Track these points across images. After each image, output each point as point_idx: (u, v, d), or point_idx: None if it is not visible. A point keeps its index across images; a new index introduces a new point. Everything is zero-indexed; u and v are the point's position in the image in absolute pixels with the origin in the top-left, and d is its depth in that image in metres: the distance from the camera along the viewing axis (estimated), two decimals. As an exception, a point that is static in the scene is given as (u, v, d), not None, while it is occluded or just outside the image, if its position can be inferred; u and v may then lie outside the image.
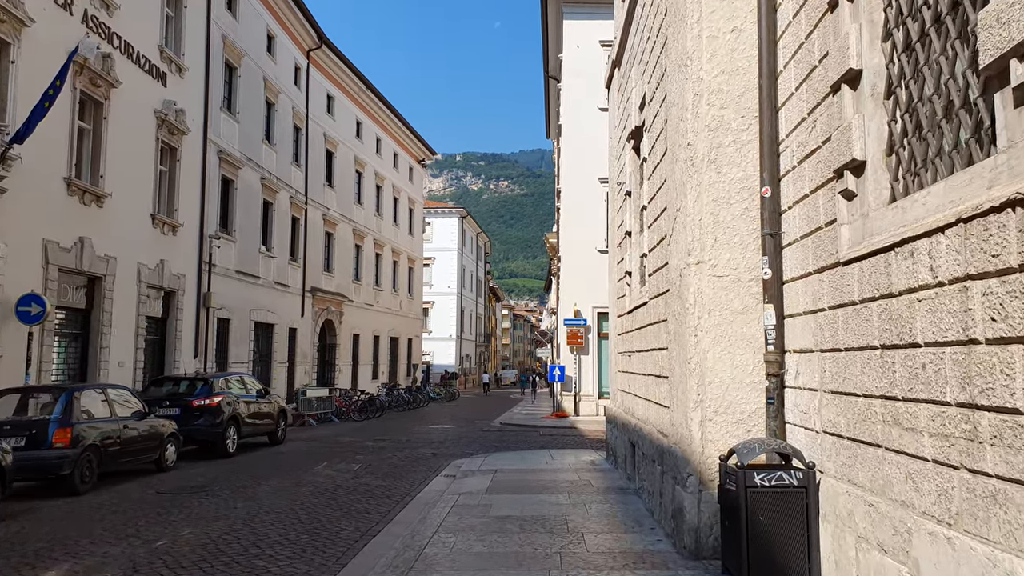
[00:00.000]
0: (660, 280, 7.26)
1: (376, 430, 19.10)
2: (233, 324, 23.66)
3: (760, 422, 5.58)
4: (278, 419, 15.36)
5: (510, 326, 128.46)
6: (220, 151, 22.69)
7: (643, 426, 8.15)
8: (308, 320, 30.42)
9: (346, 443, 15.67)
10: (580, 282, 24.90)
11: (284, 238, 28.05)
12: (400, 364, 42.99)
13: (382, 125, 39.86)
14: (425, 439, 16.68)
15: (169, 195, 19.83)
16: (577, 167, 25.33)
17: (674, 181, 6.34)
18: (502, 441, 16.56)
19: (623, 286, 10.65)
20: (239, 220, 24.14)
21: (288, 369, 28.58)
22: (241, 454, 13.62)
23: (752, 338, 5.67)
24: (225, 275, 23.10)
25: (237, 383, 14.14)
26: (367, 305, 37.28)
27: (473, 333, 68.12)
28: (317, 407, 22.26)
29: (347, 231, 34.72)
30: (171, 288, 19.70)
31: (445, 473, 10.98)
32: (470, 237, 66.24)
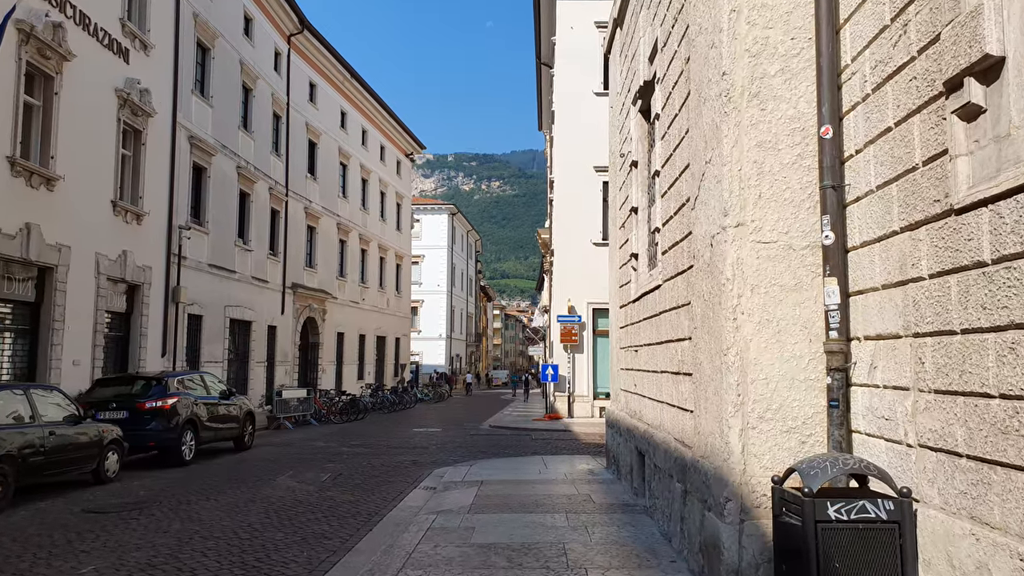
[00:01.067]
0: (679, 256, 5.97)
1: (356, 434, 17.75)
2: (206, 321, 22.25)
3: (818, 431, 4.31)
4: (244, 423, 14.01)
5: (502, 326, 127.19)
6: (191, 136, 21.28)
7: (655, 433, 6.85)
8: (289, 318, 29.01)
9: (320, 448, 14.33)
10: (575, 276, 23.62)
11: (263, 231, 26.64)
12: (387, 364, 41.60)
13: (368, 116, 38.47)
14: (407, 444, 15.35)
15: (133, 181, 18.42)
16: (571, 155, 24.06)
17: (701, 129, 5.06)
18: (491, 446, 15.26)
19: (627, 272, 9.37)
20: (213, 211, 22.73)
21: (267, 369, 27.17)
22: (199, 462, 12.26)
23: (807, 322, 4.39)
24: (197, 269, 21.69)
25: (197, 383, 12.79)
26: (352, 303, 35.89)
27: (464, 332, 66.77)
28: (295, 409, 20.89)
29: (331, 225, 33.32)
30: (135, 281, 18.29)
31: (424, 485, 9.68)
32: (460, 234, 64.91)
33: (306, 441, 15.86)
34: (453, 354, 61.00)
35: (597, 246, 23.66)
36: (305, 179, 30.66)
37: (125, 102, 17.54)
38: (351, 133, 36.05)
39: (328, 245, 33.03)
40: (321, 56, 32.05)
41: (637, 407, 8.42)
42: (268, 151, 27.19)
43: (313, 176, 31.52)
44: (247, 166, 25.15)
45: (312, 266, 31.35)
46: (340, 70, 34.03)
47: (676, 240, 6.09)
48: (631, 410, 8.91)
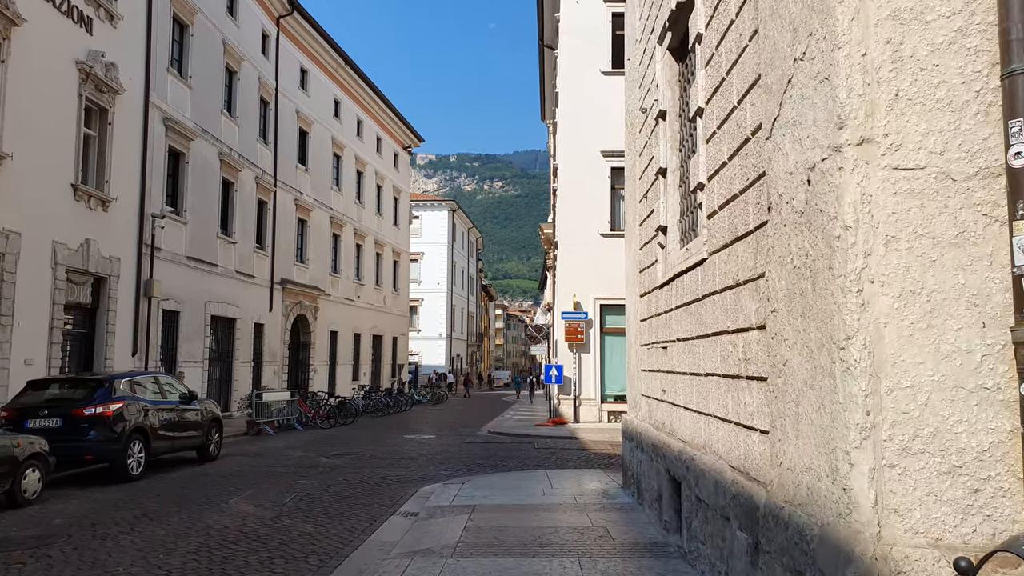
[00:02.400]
0: (740, 214, 4.31)
1: (341, 441, 16.12)
2: (184, 317, 20.65)
3: (1001, 472, 2.65)
4: (209, 430, 12.36)
5: (504, 326, 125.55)
6: (167, 118, 19.68)
7: (698, 456, 5.20)
8: (277, 315, 27.42)
9: (295, 460, 12.70)
10: (581, 270, 21.97)
11: (248, 223, 25.04)
12: (384, 364, 39.99)
13: (363, 106, 36.86)
14: (394, 453, 13.71)
15: (99, 164, 16.82)
16: (577, 139, 22.41)
17: (785, 15, 3.39)
18: (488, 457, 13.62)
19: (651, 252, 7.71)
20: (192, 199, 21.13)
21: (254, 369, 25.58)
22: (151, 477, 10.61)
23: (979, 295, 2.74)
24: (173, 261, 20.09)
25: (150, 386, 11.14)
26: (347, 300, 34.28)
27: (464, 332, 65.13)
28: (278, 413, 19.26)
29: (323, 218, 31.71)
30: (101, 273, 16.68)
31: (404, 510, 8.04)
32: (461, 232, 63.29)
33: (283, 450, 14.22)
34: (454, 354, 59.37)
35: (605, 237, 22.02)
36: (295, 169, 29.06)
37: (88, 76, 15.93)
38: (345, 123, 34.45)
39: (320, 239, 31.43)
40: (313, 40, 30.45)
41: (666, 418, 6.76)
42: (255, 138, 25.59)
43: (304, 167, 29.92)
44: (231, 153, 23.55)
45: (303, 261, 29.76)
46: (333, 56, 32.43)
47: (734, 193, 4.43)
48: (657, 421, 7.25)
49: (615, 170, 22.31)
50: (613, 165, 22.23)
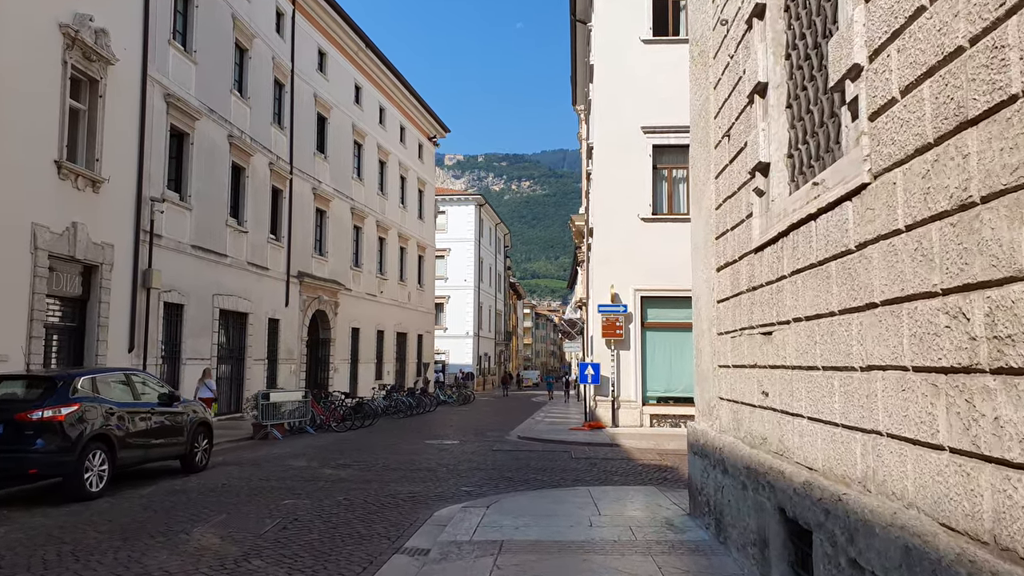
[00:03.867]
0: (978, 76, 2.31)
1: (353, 448, 14.38)
2: (189, 311, 19.11)
3: None
4: (194, 436, 10.65)
5: (532, 325, 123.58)
6: (168, 94, 18.13)
7: (858, 500, 3.25)
8: (294, 310, 25.85)
9: (294, 471, 10.95)
10: (619, 260, 19.98)
11: (261, 212, 23.48)
12: (409, 363, 38.36)
13: (386, 92, 35.23)
14: (410, 463, 11.90)
15: (88, 140, 15.29)
16: (614, 116, 20.43)
17: None
18: (519, 468, 11.75)
19: (737, 207, 5.79)
20: (197, 184, 19.58)
21: (268, 367, 24.04)
22: (115, 493, 8.91)
23: None
24: (177, 250, 18.55)
25: (118, 384, 9.46)
26: (369, 295, 32.67)
27: (492, 331, 63.36)
28: (288, 415, 17.61)
29: (343, 209, 30.11)
30: (91, 260, 15.15)
31: (411, 546, 6.22)
32: (488, 228, 61.52)
33: (284, 458, 12.49)
34: (481, 353, 57.63)
35: (647, 222, 20.02)
36: (313, 157, 27.49)
37: (73, 41, 14.38)
38: (367, 110, 32.83)
39: (341, 231, 29.84)
40: (332, 21, 28.86)
41: (772, 432, 4.82)
42: (268, 122, 24.03)
43: (323, 154, 28.34)
44: (241, 136, 21.99)
45: (322, 254, 28.18)
46: (354, 39, 30.83)
47: (955, 46, 2.48)
48: (752, 435, 5.30)
49: (657, 148, 20.31)
50: (655, 142, 20.23)
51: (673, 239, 19.98)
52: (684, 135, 20.67)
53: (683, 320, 20.12)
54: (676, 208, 20.42)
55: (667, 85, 20.29)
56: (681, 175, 20.44)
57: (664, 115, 20.22)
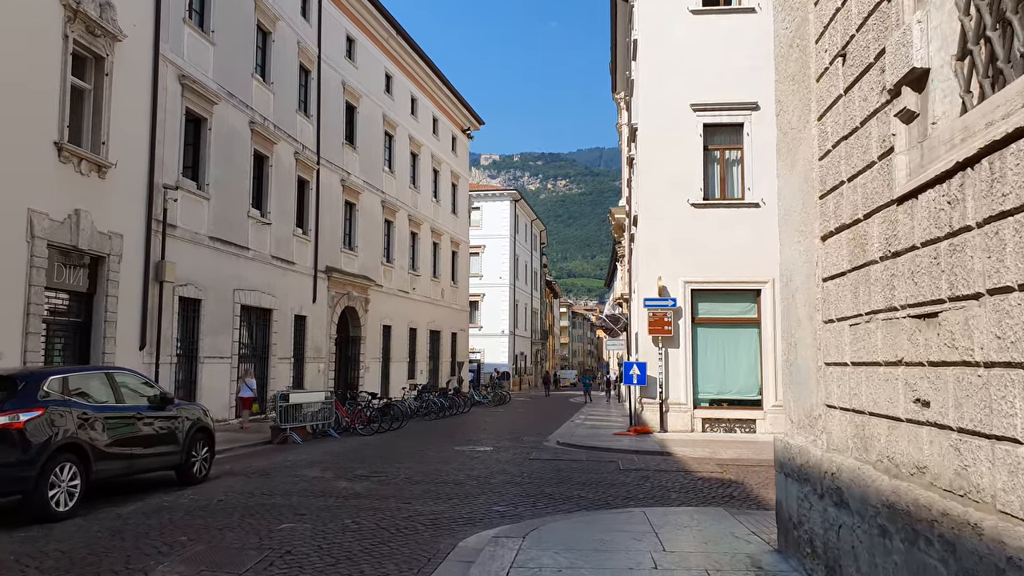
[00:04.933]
0: None
1: (375, 454, 13.04)
2: (207, 306, 18.02)
3: None
4: (191, 443, 9.38)
5: (569, 324, 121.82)
6: (183, 76, 17.06)
7: None
8: (322, 306, 24.73)
9: (304, 483, 9.64)
10: (666, 250, 18.35)
11: (286, 203, 22.38)
12: (443, 362, 37.11)
13: (418, 82, 34.00)
14: (436, 474, 10.50)
15: (94, 122, 14.23)
16: (660, 94, 18.78)
17: None
18: (559, 481, 10.26)
19: (863, 144, 4.24)
20: (216, 172, 18.50)
21: (294, 366, 22.93)
22: (90, 512, 7.64)
23: None
24: (193, 241, 17.47)
25: (98, 385, 8.22)
26: (401, 292, 31.47)
27: (528, 329, 61.89)
28: (310, 417, 16.38)
29: (374, 203, 28.94)
30: (98, 251, 14.09)
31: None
32: (524, 224, 60.06)
33: (297, 467, 11.19)
34: (517, 352, 56.20)
35: (697, 208, 18.34)
36: (342, 147, 26.34)
37: (75, 14, 13.30)
38: (398, 100, 31.63)
39: (371, 225, 28.67)
40: (360, 7, 27.69)
41: (943, 463, 3.27)
42: (293, 109, 22.92)
43: (352, 145, 27.19)
44: (264, 123, 20.89)
45: (351, 248, 27.03)
46: (384, 26, 29.65)
47: None
48: (904, 464, 3.73)
49: (708, 127, 18.63)
50: (706, 121, 18.55)
51: (726, 226, 18.31)
52: (738, 112, 18.98)
53: (738, 315, 18.46)
54: (729, 192, 18.72)
55: (718, 59, 18.62)
56: (735, 156, 18.73)
57: (715, 91, 18.56)
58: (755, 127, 18.43)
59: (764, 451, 14.35)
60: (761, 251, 18.08)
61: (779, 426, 18.41)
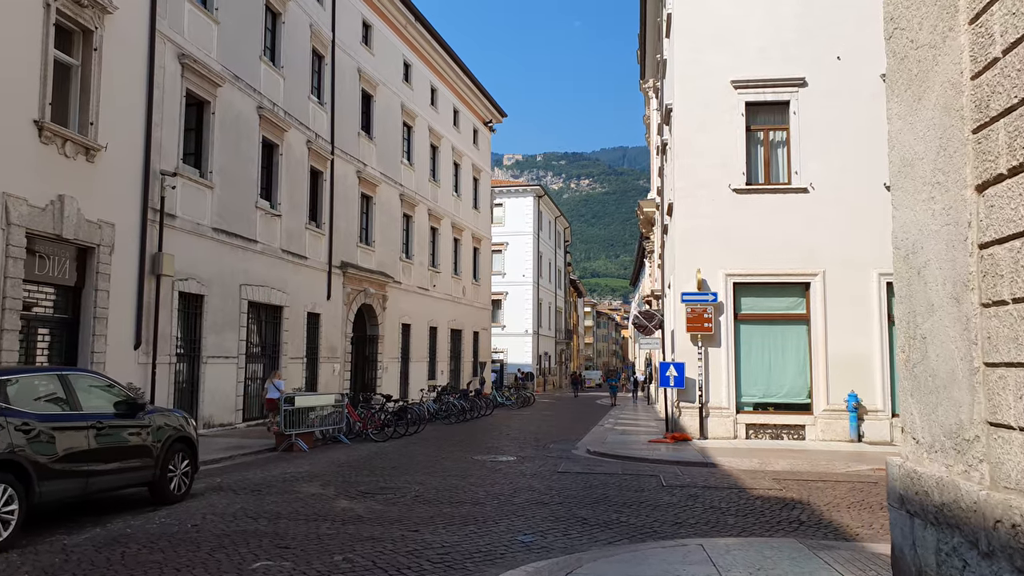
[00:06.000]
0: None
1: (385, 465, 11.70)
2: (211, 303, 16.85)
3: None
4: (166, 456, 8.09)
5: (593, 324, 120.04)
6: (183, 55, 15.88)
7: None
8: (337, 304, 23.51)
9: (298, 503, 8.32)
10: (705, 239, 16.83)
11: (298, 194, 21.18)
12: (464, 362, 35.80)
13: (438, 72, 32.71)
14: (450, 491, 9.13)
15: (81, 100, 13.07)
16: (698, 69, 17.25)
17: None
18: (593, 501, 8.84)
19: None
20: (220, 159, 17.32)
21: (307, 367, 21.72)
22: (34, 541, 6.31)
23: None
24: (195, 232, 16.30)
25: (46, 388, 6.95)
26: (420, 289, 30.19)
27: (552, 329, 60.39)
28: (319, 422, 15.11)
29: (391, 196, 27.68)
30: (85, 241, 12.93)
31: None
32: (547, 220, 58.59)
33: (296, 481, 9.87)
34: (541, 352, 54.74)
35: (740, 194, 16.79)
36: (358, 137, 25.11)
37: (58, -19, 12.14)
38: (417, 89, 30.36)
39: (389, 220, 27.42)
40: (377, -10, 26.48)
41: None
42: (305, 95, 21.71)
43: (368, 135, 25.96)
44: (273, 109, 19.70)
45: (368, 243, 25.80)
46: (403, 12, 28.39)
47: None
48: None
49: (751, 105, 17.06)
50: (749, 99, 16.98)
51: (771, 214, 16.72)
52: (783, 89, 17.33)
53: (784, 311, 16.84)
54: (774, 177, 17.13)
55: (763, 30, 17.05)
56: (780, 137, 17.13)
57: (759, 66, 17.00)
58: (802, 105, 16.85)
59: (819, 461, 12.80)
60: (810, 240, 16.51)
61: (830, 432, 16.88)
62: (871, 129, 16.47)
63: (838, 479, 11.07)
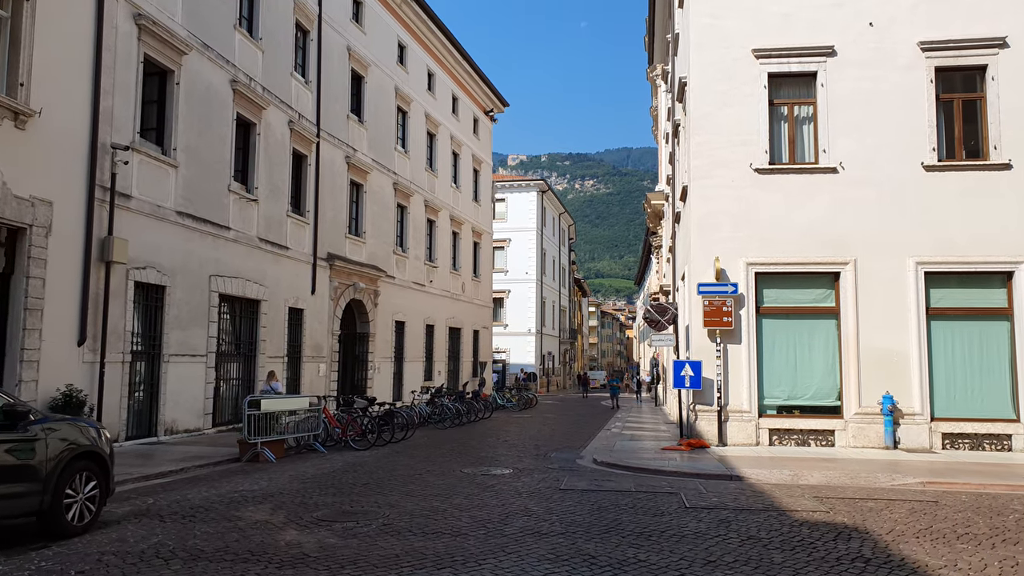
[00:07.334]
0: None
1: (356, 481, 10.00)
2: (174, 294, 15.18)
3: None
4: (60, 479, 6.41)
5: (597, 324, 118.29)
6: (140, 15, 14.21)
7: None
8: (323, 298, 21.85)
9: (239, 531, 6.75)
10: (724, 225, 15.15)
11: (278, 179, 19.51)
12: (463, 362, 34.11)
13: (435, 55, 31.04)
14: (427, 518, 7.45)
15: (10, 58, 11.42)
16: (715, 39, 15.55)
17: None
18: (603, 531, 7.18)
19: None
20: (186, 136, 15.66)
21: (288, 366, 20.04)
22: None
23: None
24: (155, 216, 14.63)
25: None
26: (416, 284, 28.51)
27: (556, 328, 58.68)
28: (293, 429, 13.43)
29: (384, 184, 26.01)
30: (13, 221, 11.28)
31: None
32: (551, 217, 56.91)
33: (243, 503, 8.17)
34: (544, 352, 53.02)
35: (762, 175, 15.10)
36: (347, 120, 23.45)
37: (-20, -83, 10.48)
38: (412, 73, 28.68)
39: (381, 209, 25.75)
40: (368, -36, 24.83)
41: None
42: (287, 72, 20.05)
43: (359, 118, 24.29)
44: (250, 84, 18.04)
45: (358, 234, 24.13)
46: (396, -12, 26.75)
47: None
48: None
49: (774, 77, 15.36)
50: (772, 70, 15.28)
51: (797, 196, 14.97)
52: (810, 59, 15.53)
53: (811, 304, 15.06)
54: (800, 156, 15.41)
55: (786, -6, 15.35)
56: (806, 112, 15.42)
57: (783, 34, 15.31)
58: (831, 76, 15.13)
59: (857, 473, 11.08)
60: (839, 225, 14.79)
61: (863, 438, 15.01)
62: (906, 103, 14.84)
63: (889, 497, 9.35)
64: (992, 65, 14.63)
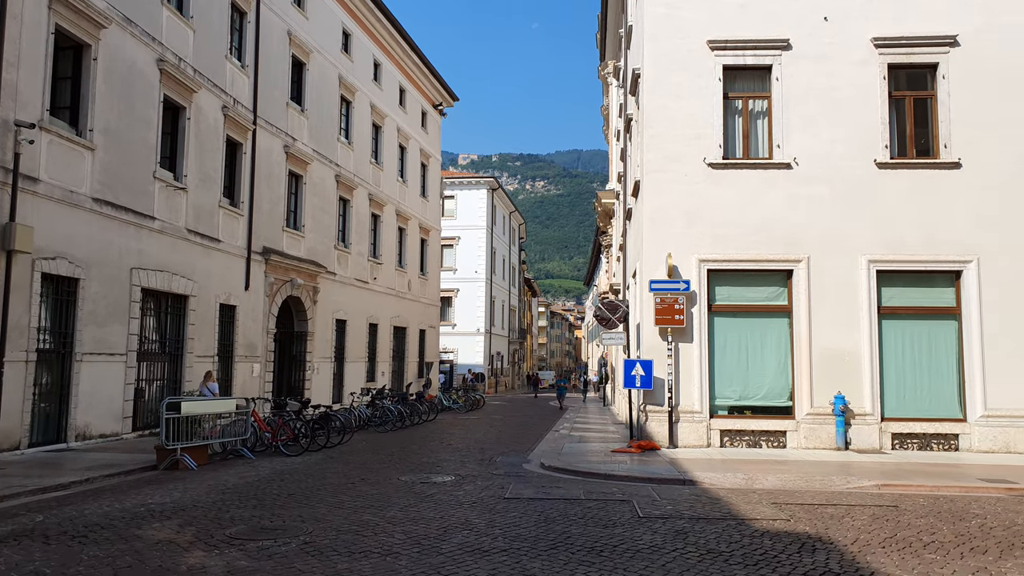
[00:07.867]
0: None
1: (281, 492, 9.12)
2: (89, 288, 13.95)
3: None
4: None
5: (547, 324, 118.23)
6: (52, -17, 13.00)
7: None
8: (258, 295, 20.70)
9: (135, 555, 5.97)
10: (676, 221, 14.71)
11: (210, 166, 18.33)
12: (409, 362, 33.14)
13: (383, 46, 30.05)
14: (355, 535, 6.74)
15: None
16: (670, 30, 15.11)
17: None
18: (550, 545, 6.60)
19: None
20: (105, 116, 14.44)
21: (221, 366, 18.86)
22: None
23: None
24: (67, 202, 13.40)
25: None
26: (359, 282, 27.48)
27: (506, 328, 58.06)
28: (220, 433, 12.40)
29: (326, 176, 24.93)
30: (-101, 203, 10.00)
31: None
32: (502, 215, 56.27)
33: (147, 519, 7.27)
34: (493, 351, 52.34)
35: (715, 170, 14.71)
36: (286, 108, 22.33)
37: None
38: (358, 62, 27.64)
39: (322, 203, 24.67)
40: (310, -54, 23.73)
41: None
42: (222, 54, 18.88)
43: (299, 107, 23.19)
44: (179, 65, 16.84)
45: (296, 228, 23.02)
46: (340, -26, 25.70)
47: None
48: None
49: (729, 70, 14.99)
50: (727, 62, 14.91)
51: (750, 192, 14.63)
52: (765, 52, 15.12)
53: (763, 302, 14.76)
54: (754, 151, 15.09)
55: (742, -16, 15.01)
56: (760, 107, 15.10)
57: (739, 26, 14.96)
58: (786, 70, 14.86)
59: (812, 476, 10.71)
60: (793, 222, 14.52)
61: (814, 439, 14.63)
62: (860, 99, 14.65)
63: (848, 502, 8.96)
64: (943, 63, 14.55)
